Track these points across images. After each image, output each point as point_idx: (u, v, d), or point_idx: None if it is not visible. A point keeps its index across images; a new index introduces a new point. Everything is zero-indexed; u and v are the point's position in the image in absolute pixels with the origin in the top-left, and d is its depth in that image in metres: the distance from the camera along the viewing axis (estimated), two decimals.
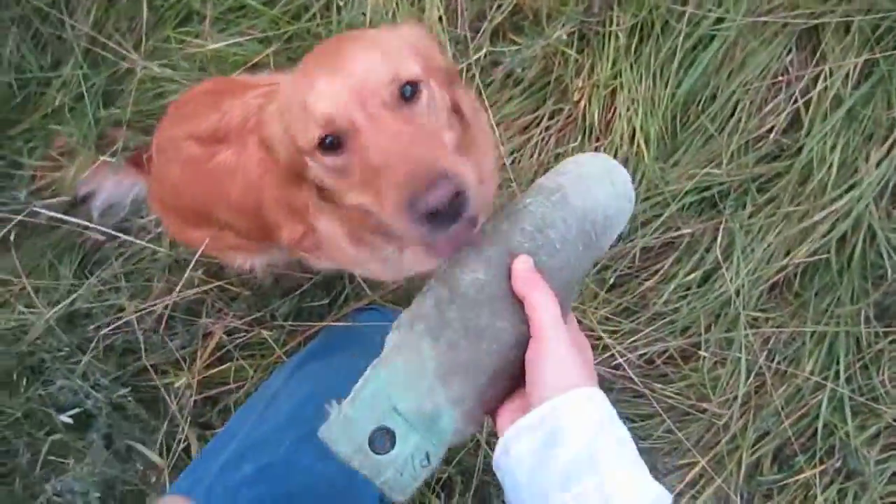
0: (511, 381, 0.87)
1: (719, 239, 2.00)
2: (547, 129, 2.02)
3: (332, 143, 0.95)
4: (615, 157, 1.95)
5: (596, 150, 1.97)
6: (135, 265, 1.90)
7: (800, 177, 1.99)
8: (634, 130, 1.97)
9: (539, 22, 1.99)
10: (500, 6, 2.00)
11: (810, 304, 2.02)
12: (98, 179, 1.87)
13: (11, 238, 1.76)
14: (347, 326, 1.82)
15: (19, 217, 1.82)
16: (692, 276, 2.01)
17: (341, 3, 1.96)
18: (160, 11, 1.99)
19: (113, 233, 1.79)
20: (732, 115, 2.01)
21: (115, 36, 1.98)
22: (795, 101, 1.99)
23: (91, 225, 1.79)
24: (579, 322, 2.01)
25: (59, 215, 1.81)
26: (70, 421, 1.78)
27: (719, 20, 1.94)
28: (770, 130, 2.02)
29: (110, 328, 1.81)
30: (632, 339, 1.99)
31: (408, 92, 0.95)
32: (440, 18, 1.96)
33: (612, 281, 2.03)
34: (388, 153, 0.89)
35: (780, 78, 2.00)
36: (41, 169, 1.94)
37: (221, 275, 1.95)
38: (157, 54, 1.95)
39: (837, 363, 1.99)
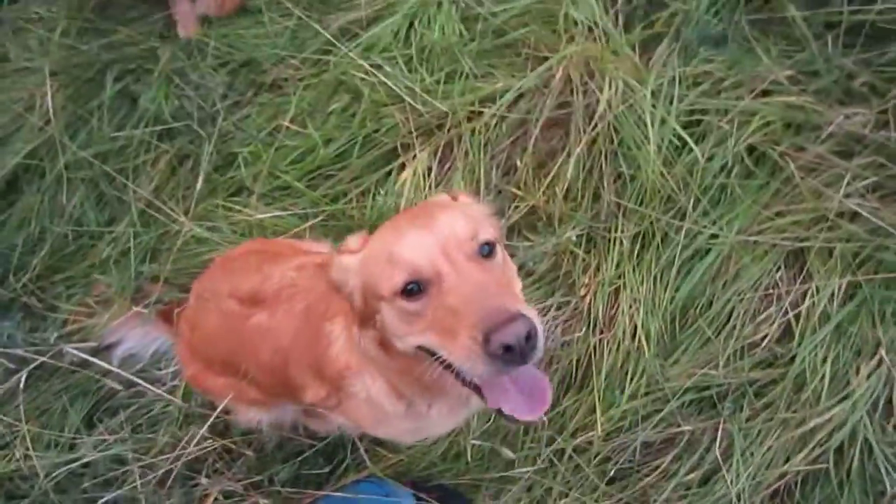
0: None
1: (718, 439, 2.03)
2: (554, 318, 2.15)
3: (413, 289, 1.07)
4: (617, 350, 2.07)
5: (600, 342, 2.09)
6: (145, 415, 1.93)
7: (794, 385, 2.08)
8: (636, 327, 2.10)
9: (551, 223, 2.21)
10: (517, 206, 2.23)
11: None
12: (126, 329, 1.97)
13: (22, 380, 1.81)
14: (346, 498, 1.81)
15: (43, 358, 1.89)
16: (692, 475, 2.02)
17: (376, 192, 2.20)
18: (215, 183, 2.22)
19: (132, 377, 1.85)
20: (728, 321, 2.15)
21: (168, 202, 2.19)
22: (786, 313, 2.13)
23: (112, 368, 1.85)
24: None
25: (84, 356, 1.87)
26: None
27: (714, 236, 2.15)
28: (764, 338, 2.14)
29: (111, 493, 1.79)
30: None
31: (486, 250, 1.11)
32: None
33: (611, 474, 2.04)
34: (468, 296, 1.02)
35: (772, 291, 2.16)
36: (75, 314, 2.05)
37: (227, 434, 1.97)
38: (203, 218, 2.14)
39: None
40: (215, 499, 1.89)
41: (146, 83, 2.28)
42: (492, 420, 2.03)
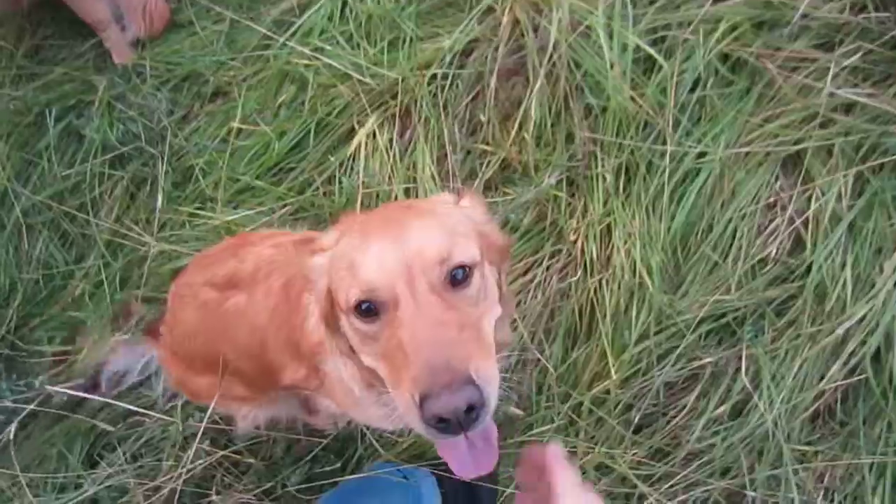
0: None
1: (744, 367, 1.90)
2: (548, 268, 2.04)
3: (368, 308, 0.94)
4: (619, 289, 1.94)
5: (599, 284, 1.96)
6: (145, 443, 1.87)
7: (815, 296, 1.93)
8: (635, 263, 1.97)
9: (527, 173, 2.09)
10: (488, 162, 2.12)
11: (860, 432, 1.86)
12: (110, 351, 1.92)
13: (12, 431, 1.76)
14: (362, 479, 1.72)
15: (30, 406, 1.84)
16: (722, 408, 1.88)
17: (342, 175, 2.10)
18: (176, 201, 2.15)
19: (125, 406, 1.78)
20: (733, 241, 2.01)
21: (134, 228, 2.12)
22: (793, 221, 1.99)
23: (107, 400, 1.79)
24: (609, 469, 1.89)
25: (72, 392, 1.81)
26: None
27: (701, 154, 2.01)
28: (774, 253, 1.99)
29: None
30: (669, 484, 1.83)
31: (459, 275, 0.94)
32: (433, 177, 2.08)
33: (637, 420, 1.92)
34: (419, 339, 0.88)
35: (774, 201, 2.01)
36: (59, 355, 1.99)
37: (230, 445, 1.91)
38: (171, 235, 2.08)
39: None
40: None
41: (88, 116, 2.22)
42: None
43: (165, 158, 2.15)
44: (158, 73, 2.30)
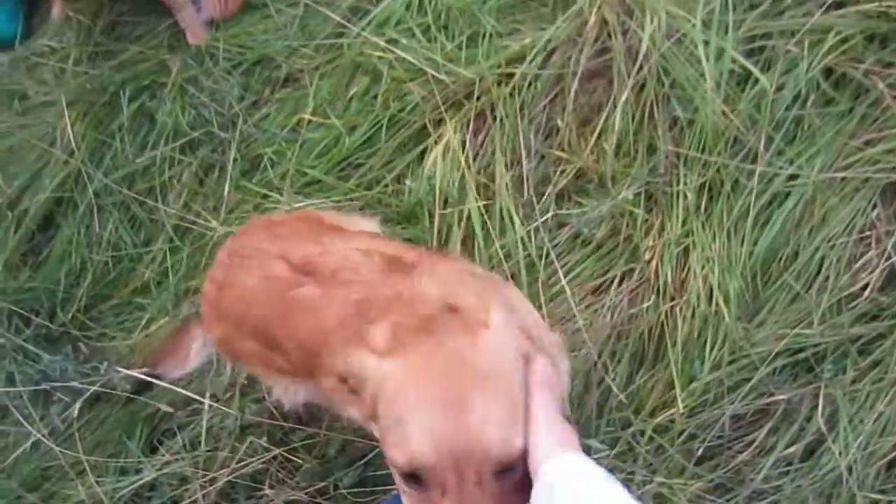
0: None
1: (820, 407, 1.80)
2: (619, 289, 1.96)
3: (413, 476, 0.90)
4: (692, 316, 1.86)
5: (671, 310, 1.88)
6: (205, 431, 1.90)
7: None
8: (711, 289, 1.87)
9: (604, 184, 2.01)
10: (563, 171, 2.03)
11: None
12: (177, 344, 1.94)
13: (75, 413, 1.80)
14: None
15: (94, 388, 1.89)
16: (793, 448, 1.80)
17: (408, 176, 2.05)
18: (244, 190, 2.14)
19: (185, 392, 1.81)
20: (819, 272, 1.89)
21: (201, 214, 2.13)
22: (889, 256, 1.86)
23: (170, 385, 1.81)
24: (667, 500, 1.83)
25: (138, 375, 1.84)
26: None
27: (793, 177, 1.89)
28: (864, 288, 1.87)
29: None
30: None
31: (510, 469, 0.88)
32: (506, 186, 2.01)
33: (700, 452, 1.85)
34: None
35: (868, 233, 1.88)
36: (127, 340, 2.04)
37: (287, 441, 1.93)
38: (236, 219, 2.08)
39: None
40: None
41: (161, 98, 2.22)
42: None
43: (235, 145, 2.13)
44: (230, 55, 2.26)
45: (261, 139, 2.16)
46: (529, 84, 2.05)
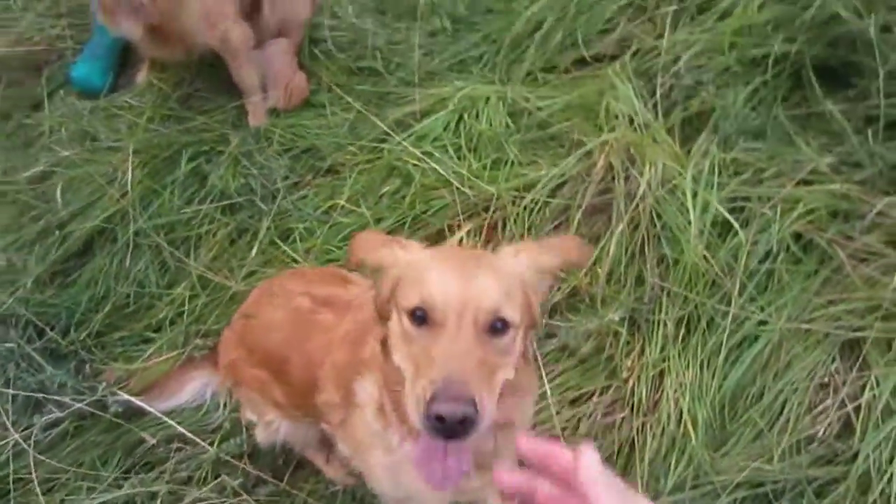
0: None
1: None
2: (597, 402, 2.10)
3: (420, 316, 1.12)
4: (661, 434, 1.98)
5: (643, 426, 2.01)
6: (183, 470, 1.94)
7: (858, 485, 1.92)
8: (682, 413, 2.01)
9: (594, 305, 2.21)
10: (560, 288, 2.25)
11: None
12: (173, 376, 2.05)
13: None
14: None
15: (80, 405, 1.96)
16: None
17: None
18: (269, 256, 2.35)
19: (171, 423, 1.88)
20: (782, 412, 2.04)
21: (223, 270, 2.32)
22: (845, 405, 2.02)
23: (157, 414, 1.89)
24: None
25: (131, 398, 1.93)
26: None
27: (762, 322, 2.10)
28: (822, 432, 2.02)
29: None
30: None
31: (498, 326, 1.13)
32: None
33: None
34: (448, 356, 1.07)
35: (828, 381, 2.06)
36: (127, 371, 2.13)
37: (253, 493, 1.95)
38: (255, 283, 2.25)
39: None
40: None
41: (216, 163, 2.49)
42: None
43: (271, 216, 2.36)
44: (284, 140, 2.58)
45: (295, 216, 2.40)
46: (539, 209, 2.33)
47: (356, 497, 2.00)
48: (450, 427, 1.01)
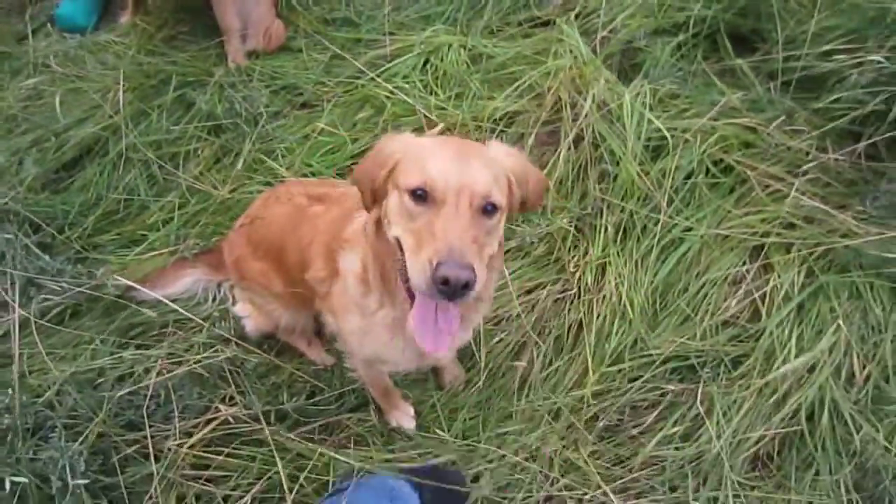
0: None
1: (699, 399, 2.21)
2: (549, 291, 2.40)
3: (420, 195, 1.29)
4: (606, 310, 2.30)
5: (589, 303, 2.32)
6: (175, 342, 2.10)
7: (765, 357, 2.29)
8: (622, 297, 2.34)
9: (545, 213, 2.53)
10: None
11: (792, 476, 2.13)
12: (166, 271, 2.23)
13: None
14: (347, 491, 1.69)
15: (79, 289, 2.09)
16: (676, 428, 2.17)
17: None
18: (253, 171, 2.55)
19: (166, 301, 2.05)
20: (703, 302, 2.40)
21: (211, 179, 2.51)
22: (752, 294, 2.40)
23: (156, 295, 2.06)
24: (574, 467, 2.11)
25: (128, 282, 2.07)
26: None
27: (687, 229, 2.46)
28: (735, 316, 2.38)
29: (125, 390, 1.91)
30: (623, 487, 2.07)
31: (489, 209, 1.32)
32: None
33: (602, 428, 2.18)
34: (449, 229, 1.23)
35: (739, 277, 2.44)
36: (121, 265, 2.28)
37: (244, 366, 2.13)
38: (239, 189, 2.46)
39: None
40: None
41: (202, 90, 2.68)
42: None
43: (253, 137, 2.58)
44: (263, 78, 2.80)
45: (276, 139, 2.63)
46: (497, 136, 2.65)
47: (334, 373, 2.22)
48: (452, 289, 1.16)
